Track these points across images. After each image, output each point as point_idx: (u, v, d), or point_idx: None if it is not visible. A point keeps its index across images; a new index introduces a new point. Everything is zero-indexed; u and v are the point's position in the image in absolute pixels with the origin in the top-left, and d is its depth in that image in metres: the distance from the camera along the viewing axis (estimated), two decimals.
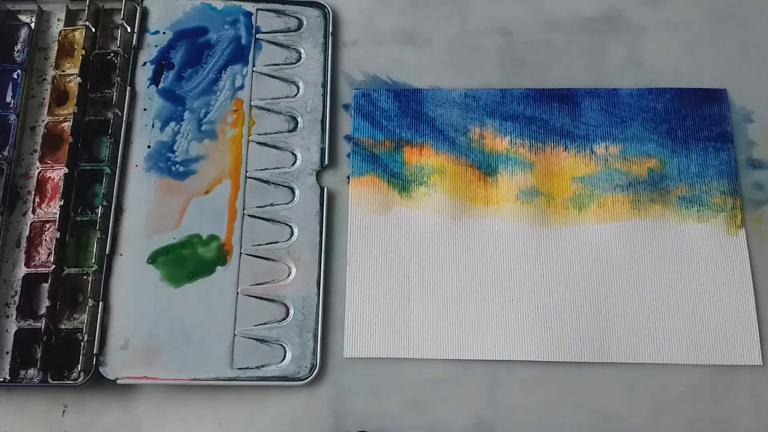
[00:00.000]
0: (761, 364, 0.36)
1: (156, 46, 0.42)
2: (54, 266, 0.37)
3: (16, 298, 0.38)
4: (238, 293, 0.38)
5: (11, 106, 0.40)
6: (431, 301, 0.38)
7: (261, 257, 0.38)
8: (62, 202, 0.38)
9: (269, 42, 0.43)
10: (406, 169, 0.40)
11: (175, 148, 0.40)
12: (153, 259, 0.38)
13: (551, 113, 0.41)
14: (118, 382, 0.36)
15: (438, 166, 0.40)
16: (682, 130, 0.40)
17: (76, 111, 0.40)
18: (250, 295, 0.38)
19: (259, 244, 0.38)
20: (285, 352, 0.37)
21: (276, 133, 0.41)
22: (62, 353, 0.36)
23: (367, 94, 0.42)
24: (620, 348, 0.37)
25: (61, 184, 0.39)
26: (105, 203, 0.38)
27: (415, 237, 0.39)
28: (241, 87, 0.41)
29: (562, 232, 0.39)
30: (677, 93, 0.41)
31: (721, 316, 0.37)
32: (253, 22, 0.43)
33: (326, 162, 0.40)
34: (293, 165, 0.40)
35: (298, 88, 0.42)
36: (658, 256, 0.38)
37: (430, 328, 0.37)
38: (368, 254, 0.39)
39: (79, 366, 0.36)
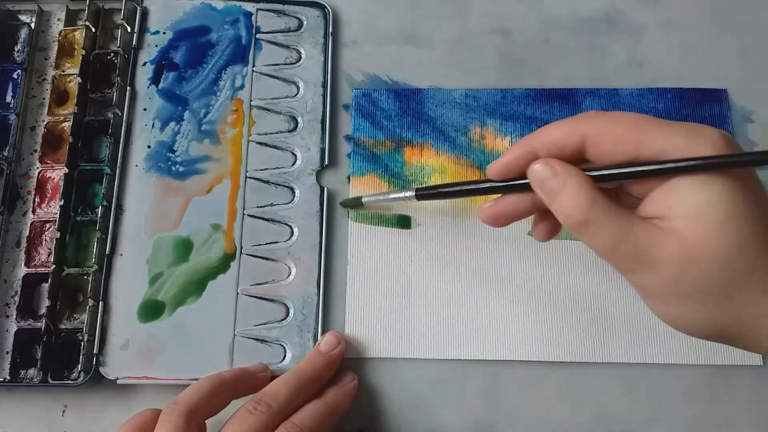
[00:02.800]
0: (761, 364, 0.36)
1: (156, 46, 0.42)
2: (54, 266, 0.37)
3: (16, 298, 0.38)
4: (238, 293, 0.38)
5: (11, 106, 0.40)
6: (432, 301, 0.38)
7: (261, 257, 0.38)
8: (62, 202, 0.38)
9: (269, 42, 0.43)
10: (407, 169, 0.40)
11: (175, 148, 0.40)
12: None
13: (552, 113, 0.41)
14: (118, 382, 0.36)
15: (439, 166, 0.40)
16: None
17: (76, 111, 0.40)
18: (250, 295, 0.38)
19: (259, 244, 0.38)
20: (285, 352, 0.37)
21: (276, 133, 0.41)
22: (62, 353, 0.36)
23: (367, 94, 0.42)
24: (621, 348, 0.37)
25: (61, 184, 0.39)
26: (105, 203, 0.38)
27: (415, 237, 0.39)
28: (241, 87, 0.41)
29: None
30: (678, 93, 0.41)
31: None
32: (253, 22, 0.43)
33: (326, 162, 0.40)
34: (293, 165, 0.40)
35: (298, 88, 0.42)
36: None
37: (431, 328, 0.37)
38: (369, 254, 0.38)
39: (79, 366, 0.36)
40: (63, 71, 0.42)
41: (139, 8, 0.43)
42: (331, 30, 0.43)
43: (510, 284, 0.38)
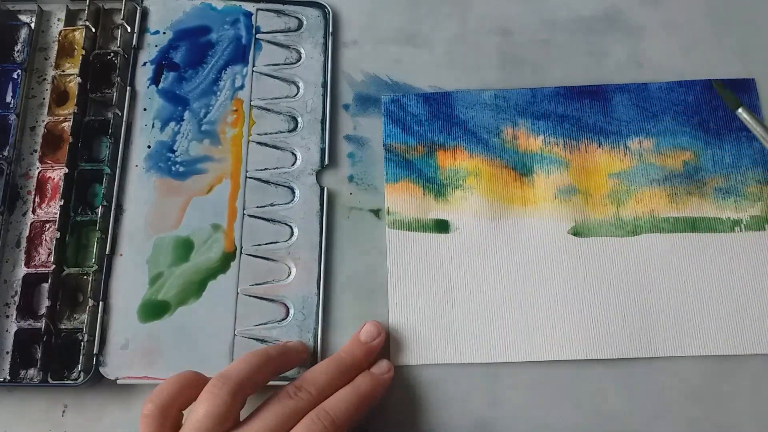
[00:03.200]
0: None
1: (156, 46, 0.42)
2: (54, 266, 0.37)
3: (16, 298, 0.38)
4: (238, 293, 0.38)
5: (11, 106, 0.40)
6: (475, 305, 0.37)
7: (261, 257, 0.38)
8: (62, 202, 0.38)
9: (269, 42, 0.43)
10: (441, 173, 0.40)
11: (175, 148, 0.40)
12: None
13: (582, 110, 0.41)
14: (118, 382, 0.36)
15: (473, 168, 0.40)
16: (714, 121, 0.40)
17: (76, 111, 0.40)
18: (250, 295, 0.38)
19: (259, 244, 0.38)
20: None
21: (276, 133, 0.41)
22: (62, 353, 0.36)
23: (396, 99, 0.41)
24: (667, 342, 0.36)
25: (61, 184, 0.39)
26: (105, 203, 0.38)
27: (454, 241, 0.38)
28: (241, 87, 0.41)
29: (598, 228, 0.39)
30: (707, 84, 0.41)
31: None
32: (253, 22, 0.43)
33: (326, 162, 0.40)
34: (293, 165, 0.40)
35: (298, 88, 0.42)
36: (699, 249, 0.38)
37: (476, 332, 0.37)
38: (408, 261, 0.38)
39: (79, 366, 0.36)
40: (63, 71, 0.42)
41: (139, 8, 0.43)
42: (331, 30, 0.43)
43: (554, 283, 0.37)
